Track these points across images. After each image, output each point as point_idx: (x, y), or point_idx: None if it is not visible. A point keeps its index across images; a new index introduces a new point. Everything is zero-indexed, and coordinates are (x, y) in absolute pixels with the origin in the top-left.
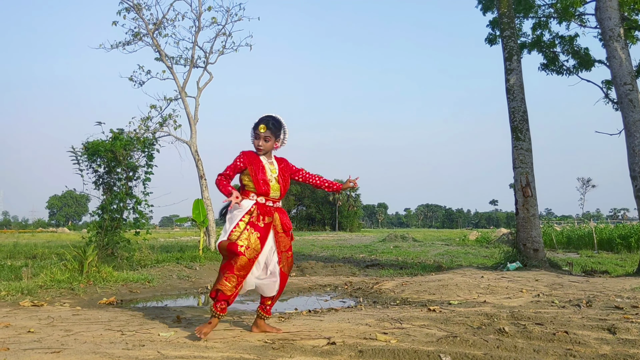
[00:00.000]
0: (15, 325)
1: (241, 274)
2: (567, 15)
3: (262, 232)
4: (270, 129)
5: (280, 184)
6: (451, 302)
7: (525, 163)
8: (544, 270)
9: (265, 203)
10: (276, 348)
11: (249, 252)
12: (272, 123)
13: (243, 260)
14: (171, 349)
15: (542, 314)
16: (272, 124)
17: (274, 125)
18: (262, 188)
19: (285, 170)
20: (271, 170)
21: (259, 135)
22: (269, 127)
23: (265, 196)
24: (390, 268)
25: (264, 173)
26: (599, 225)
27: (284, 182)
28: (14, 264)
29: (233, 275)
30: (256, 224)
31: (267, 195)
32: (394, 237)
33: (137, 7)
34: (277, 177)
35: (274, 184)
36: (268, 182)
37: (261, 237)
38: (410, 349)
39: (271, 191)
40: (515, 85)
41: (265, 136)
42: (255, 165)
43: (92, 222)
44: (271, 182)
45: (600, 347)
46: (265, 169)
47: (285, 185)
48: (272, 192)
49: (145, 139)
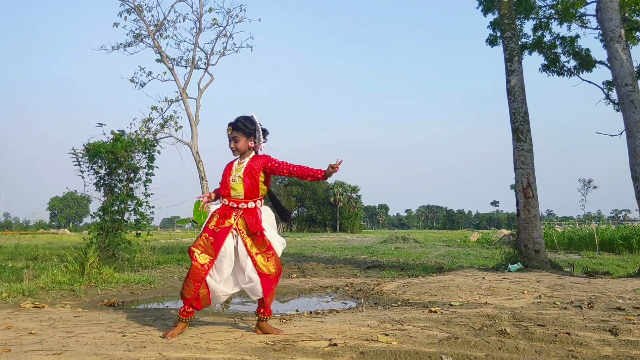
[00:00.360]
0: (17, 327)
1: (196, 279)
2: (568, 16)
3: (217, 237)
4: (239, 129)
5: (245, 182)
6: (452, 303)
7: (526, 164)
8: (545, 272)
9: (229, 204)
10: (277, 349)
11: (201, 258)
12: (241, 123)
13: (194, 266)
14: (172, 350)
15: (543, 315)
16: (240, 123)
17: (243, 125)
18: (223, 189)
19: (255, 168)
20: (236, 169)
21: (228, 138)
22: (235, 128)
23: (227, 197)
24: (392, 269)
25: (227, 174)
26: (600, 227)
27: (250, 181)
28: (15, 266)
29: (189, 281)
30: (212, 229)
31: (228, 197)
32: (395, 238)
33: (138, 9)
34: (242, 175)
35: (235, 184)
36: (228, 183)
37: (215, 243)
38: (411, 351)
39: (232, 191)
40: (516, 86)
41: (233, 137)
42: (228, 168)
43: (93, 224)
44: (233, 182)
45: (602, 349)
46: (231, 169)
47: (253, 184)
48: (232, 192)
49: (146, 141)
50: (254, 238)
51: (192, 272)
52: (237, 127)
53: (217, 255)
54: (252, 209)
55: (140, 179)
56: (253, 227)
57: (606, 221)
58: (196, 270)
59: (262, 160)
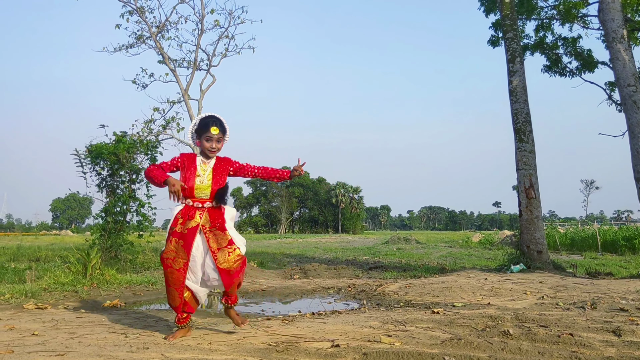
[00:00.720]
0: (20, 328)
1: (176, 285)
2: (570, 16)
3: (186, 240)
4: (223, 130)
5: (212, 185)
6: (455, 304)
7: (528, 165)
8: (547, 272)
9: (193, 204)
10: (280, 351)
11: (176, 263)
12: (220, 123)
13: (172, 273)
14: (175, 351)
15: (546, 316)
16: (220, 124)
17: (222, 125)
18: (187, 189)
19: (221, 169)
20: (202, 170)
21: (210, 138)
22: (220, 129)
23: (192, 198)
24: (394, 270)
25: (192, 174)
26: (602, 227)
27: (217, 183)
28: (18, 267)
29: (171, 289)
30: (180, 232)
31: (192, 197)
32: (397, 239)
33: (140, 10)
34: (209, 175)
35: (201, 185)
36: (194, 184)
37: (185, 245)
38: (414, 352)
39: (196, 191)
40: (518, 87)
41: (218, 138)
42: (189, 165)
43: (96, 225)
44: (200, 182)
45: (605, 350)
46: (195, 170)
47: (219, 185)
48: (197, 192)
49: (148, 142)
50: (216, 232)
51: (171, 280)
52: (222, 128)
53: (190, 257)
54: (216, 207)
55: (142, 180)
56: (215, 220)
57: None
58: (174, 276)
59: (226, 163)
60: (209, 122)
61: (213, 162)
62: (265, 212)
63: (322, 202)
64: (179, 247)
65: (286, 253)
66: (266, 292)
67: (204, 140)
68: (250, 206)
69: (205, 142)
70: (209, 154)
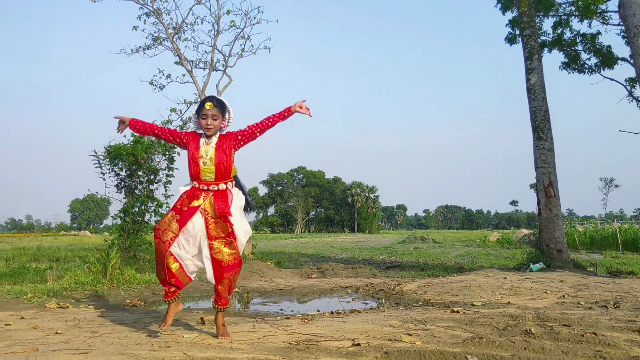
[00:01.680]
0: (43, 327)
1: (160, 254)
2: (589, 12)
3: (182, 215)
4: (217, 107)
5: (216, 164)
6: (474, 303)
7: (547, 163)
8: (568, 271)
9: (199, 187)
10: (301, 349)
11: (165, 235)
12: (220, 101)
13: (159, 245)
14: (197, 350)
15: (568, 315)
16: (219, 102)
17: (219, 103)
18: (192, 171)
19: (225, 147)
20: (205, 151)
21: (206, 115)
22: (216, 105)
23: (197, 180)
24: (411, 269)
25: (195, 155)
26: (623, 226)
27: (221, 162)
28: (39, 267)
29: (157, 261)
30: (180, 208)
31: (198, 179)
32: (413, 238)
33: (157, 12)
34: (212, 157)
35: (205, 167)
36: (198, 165)
37: (180, 220)
38: (436, 350)
39: (202, 174)
40: (536, 84)
41: (213, 114)
42: (192, 145)
43: (114, 225)
44: (203, 164)
45: (631, 349)
46: (199, 150)
47: (224, 164)
48: (202, 175)
49: (166, 142)
50: (217, 221)
51: (157, 251)
52: (218, 104)
53: (180, 232)
54: (222, 190)
55: (160, 180)
56: (220, 210)
57: (629, 220)
58: (158, 247)
59: (231, 137)
60: (205, 99)
61: (215, 141)
62: (281, 212)
63: (338, 201)
64: (172, 221)
65: (303, 253)
66: (284, 292)
67: (201, 119)
68: (267, 206)
69: (201, 120)
70: (206, 132)
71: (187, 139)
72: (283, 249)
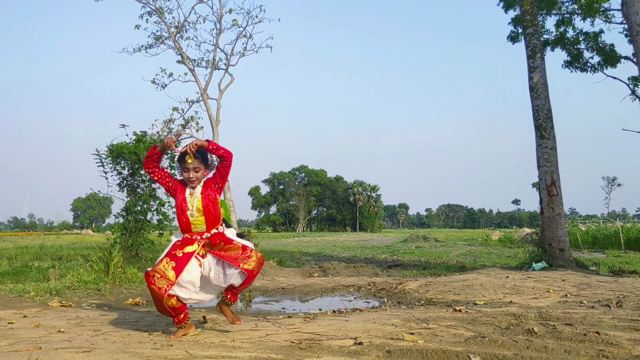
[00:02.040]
0: (46, 325)
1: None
2: (592, 11)
3: (178, 262)
4: (197, 159)
5: (205, 214)
6: (477, 302)
7: (550, 162)
8: (570, 270)
9: (192, 237)
10: (303, 348)
11: (159, 282)
12: (197, 152)
13: (153, 291)
14: (199, 349)
15: (571, 314)
16: (201, 155)
17: (200, 154)
18: (183, 225)
19: (209, 193)
20: (191, 203)
21: (187, 169)
22: (196, 157)
23: (189, 232)
24: (413, 268)
25: (183, 209)
26: (625, 225)
27: (209, 210)
28: (42, 265)
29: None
30: (174, 254)
31: (190, 231)
32: (415, 237)
33: (160, 11)
34: (200, 207)
35: (195, 219)
36: (187, 218)
37: (176, 267)
38: (438, 349)
39: (193, 226)
40: (539, 83)
41: (195, 167)
42: (180, 198)
43: (117, 224)
44: (191, 216)
45: (633, 348)
46: (186, 204)
47: (212, 212)
48: (194, 228)
49: None
50: (223, 247)
51: (153, 296)
52: (198, 156)
53: (177, 279)
54: (214, 234)
55: None
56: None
57: (631, 219)
58: (154, 294)
59: (211, 182)
60: (185, 153)
61: (200, 190)
62: (283, 211)
63: (340, 200)
64: (169, 268)
65: (304, 251)
66: (286, 290)
67: (183, 172)
68: (268, 205)
69: (184, 173)
70: (189, 184)
71: (175, 188)
72: (285, 247)
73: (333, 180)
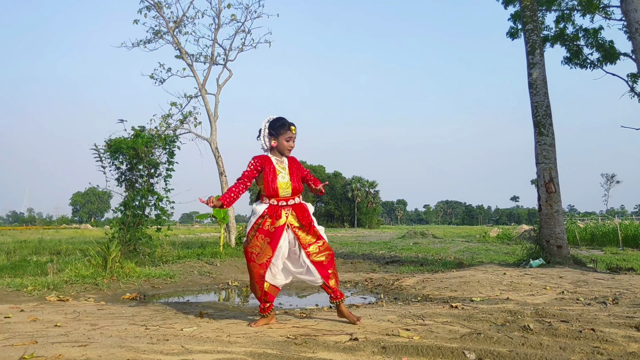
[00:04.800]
0: (43, 320)
1: (258, 278)
2: (591, 7)
3: (272, 237)
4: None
5: (292, 181)
6: (473, 298)
7: (548, 158)
8: (567, 267)
9: (278, 204)
10: (299, 343)
11: (259, 258)
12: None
13: (254, 267)
14: (195, 343)
15: (567, 311)
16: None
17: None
18: (271, 189)
19: (296, 168)
20: (281, 168)
21: (291, 137)
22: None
23: (276, 197)
24: (411, 265)
25: (273, 174)
26: (623, 222)
27: (296, 179)
28: (40, 260)
29: (253, 282)
30: (266, 229)
31: (277, 196)
32: (413, 233)
33: (158, 6)
34: (288, 175)
35: (282, 183)
36: (276, 183)
37: (272, 242)
38: (433, 346)
39: (280, 190)
40: (538, 79)
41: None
42: (267, 167)
43: (115, 219)
44: (281, 181)
45: (628, 345)
46: (275, 170)
47: (298, 181)
48: (281, 192)
49: (166, 136)
50: (303, 229)
51: (254, 273)
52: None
53: (274, 253)
54: (298, 204)
55: (161, 174)
56: (305, 219)
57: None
58: (256, 270)
59: (296, 162)
60: (287, 122)
61: (286, 161)
62: None
63: (338, 196)
64: (265, 244)
65: None
66: (283, 286)
67: (284, 140)
68: None
69: (285, 142)
70: (286, 152)
71: (260, 164)
72: None
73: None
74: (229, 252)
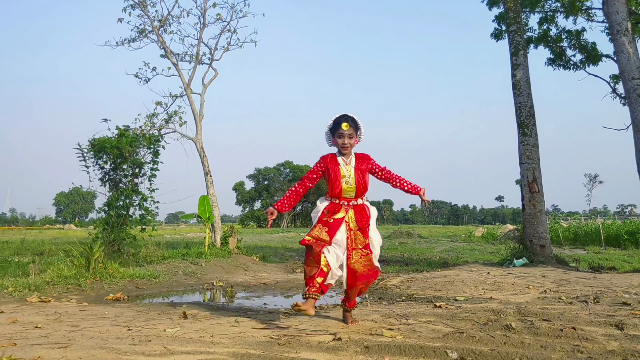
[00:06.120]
0: (23, 321)
1: (312, 261)
2: (574, 9)
3: (331, 227)
4: (352, 127)
5: (356, 183)
6: (457, 298)
7: (531, 159)
8: (550, 267)
9: (339, 202)
10: (282, 344)
11: (315, 243)
12: (351, 119)
13: (310, 249)
14: (177, 344)
15: (549, 310)
16: (353, 121)
17: (353, 122)
18: (335, 190)
19: (363, 169)
20: (346, 170)
21: (342, 134)
22: (351, 125)
23: (338, 197)
24: (396, 264)
25: (337, 175)
26: (606, 222)
27: (360, 181)
28: (22, 261)
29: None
30: (325, 220)
31: (339, 197)
32: (399, 233)
33: (142, 4)
34: (353, 177)
35: (347, 186)
36: (340, 185)
37: (329, 231)
38: (416, 345)
39: (343, 193)
40: (521, 80)
41: (349, 133)
42: (332, 167)
43: (99, 219)
44: (345, 183)
45: (608, 343)
46: (339, 171)
47: (363, 183)
48: (344, 194)
49: (151, 136)
50: (357, 233)
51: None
52: (353, 124)
53: (331, 241)
54: (360, 205)
55: (145, 174)
56: (362, 222)
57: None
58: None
59: (366, 161)
60: (341, 119)
61: (353, 161)
62: (268, 206)
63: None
64: (322, 232)
65: (288, 247)
66: (268, 286)
67: (337, 137)
68: (253, 200)
69: (338, 139)
70: (342, 150)
71: (325, 166)
72: (269, 243)
73: None
74: (214, 252)
